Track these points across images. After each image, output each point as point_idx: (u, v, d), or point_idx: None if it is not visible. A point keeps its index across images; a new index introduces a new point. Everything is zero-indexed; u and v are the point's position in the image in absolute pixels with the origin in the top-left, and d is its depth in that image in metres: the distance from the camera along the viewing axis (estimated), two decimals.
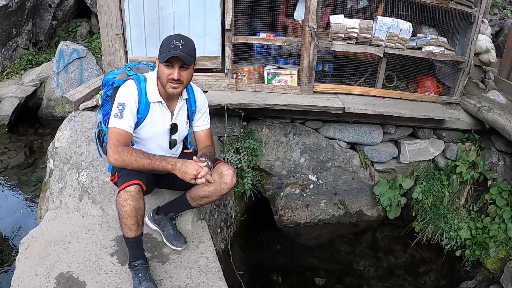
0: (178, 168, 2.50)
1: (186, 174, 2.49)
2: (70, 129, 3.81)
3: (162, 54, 2.54)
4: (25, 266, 2.76)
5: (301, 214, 4.91)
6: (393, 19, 4.26)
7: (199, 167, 2.52)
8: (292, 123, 4.61)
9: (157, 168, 2.51)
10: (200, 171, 2.51)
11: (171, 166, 2.51)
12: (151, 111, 2.70)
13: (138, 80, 2.67)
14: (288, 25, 4.55)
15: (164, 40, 2.58)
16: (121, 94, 2.61)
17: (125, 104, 2.56)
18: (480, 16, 4.45)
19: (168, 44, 2.52)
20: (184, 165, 2.51)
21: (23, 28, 8.15)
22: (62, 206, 3.43)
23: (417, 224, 4.77)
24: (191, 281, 2.75)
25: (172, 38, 2.54)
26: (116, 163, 2.50)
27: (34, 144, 6.22)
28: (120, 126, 2.54)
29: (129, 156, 2.47)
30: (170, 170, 2.51)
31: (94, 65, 7.13)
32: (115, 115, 2.55)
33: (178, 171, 2.50)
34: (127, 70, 2.82)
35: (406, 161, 4.85)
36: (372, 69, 4.62)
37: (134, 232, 2.55)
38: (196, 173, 2.49)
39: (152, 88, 2.68)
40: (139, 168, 2.50)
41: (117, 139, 2.52)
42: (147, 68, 2.91)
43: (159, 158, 2.53)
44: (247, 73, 4.41)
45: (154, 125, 2.72)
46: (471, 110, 4.65)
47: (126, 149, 2.50)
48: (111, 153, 2.49)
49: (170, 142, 2.89)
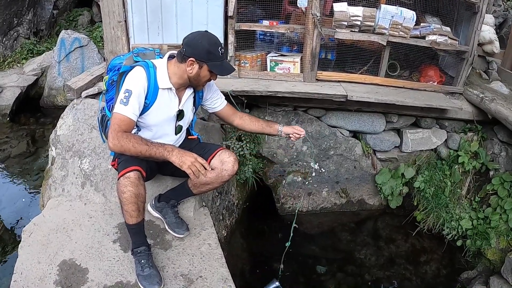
0: (174, 155, 2.48)
1: (183, 163, 2.46)
2: (72, 117, 3.80)
3: (213, 64, 2.58)
4: (28, 253, 2.76)
5: (303, 202, 4.91)
6: (396, 8, 4.25)
7: (196, 157, 2.50)
8: (294, 110, 4.61)
9: (154, 154, 2.49)
10: (199, 160, 2.49)
11: (168, 153, 2.49)
12: (159, 97, 2.68)
13: (147, 66, 2.64)
14: (291, 12, 4.52)
15: (206, 44, 2.55)
16: (129, 80, 2.59)
17: (131, 91, 2.54)
18: (484, 6, 4.42)
19: (216, 52, 2.56)
20: (181, 153, 2.49)
21: (24, 17, 8.11)
22: (64, 194, 3.43)
23: (419, 214, 4.77)
24: (193, 268, 2.76)
25: (216, 45, 2.58)
26: (115, 148, 2.49)
27: (36, 133, 6.22)
28: (124, 113, 2.52)
29: (127, 141, 2.46)
30: (166, 158, 2.50)
31: (96, 54, 7.10)
32: (121, 101, 2.53)
33: (175, 159, 2.48)
34: (134, 56, 2.79)
35: (408, 150, 4.85)
36: (375, 58, 4.61)
37: (135, 218, 2.55)
38: (193, 160, 2.46)
39: (163, 75, 2.66)
40: (136, 154, 2.49)
41: (119, 125, 2.50)
42: (153, 54, 2.88)
43: (157, 145, 2.52)
44: (250, 61, 4.40)
45: (161, 111, 2.71)
46: (474, 100, 4.64)
47: (125, 135, 2.49)
48: (111, 138, 2.48)
49: (176, 128, 2.88)
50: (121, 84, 2.82)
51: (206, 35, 2.57)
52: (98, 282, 2.56)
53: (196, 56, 2.54)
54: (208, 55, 2.54)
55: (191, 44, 2.55)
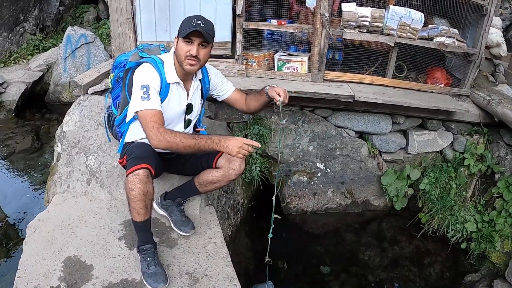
0: (222, 145, 2.49)
1: (231, 151, 2.48)
2: (78, 113, 3.80)
3: (182, 31, 2.53)
4: (33, 249, 2.75)
5: (308, 202, 4.91)
6: (405, 9, 4.23)
7: (242, 139, 2.50)
8: (301, 110, 4.60)
9: (202, 147, 2.51)
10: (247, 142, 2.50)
11: (215, 145, 2.51)
12: (170, 92, 2.69)
13: (155, 62, 2.65)
14: (298, 12, 4.52)
15: (184, 19, 2.57)
16: (142, 76, 2.58)
17: (149, 86, 2.54)
18: (492, 9, 4.40)
19: (189, 22, 2.51)
20: (226, 142, 2.49)
21: (30, 13, 8.12)
22: (69, 190, 3.42)
23: (424, 216, 4.76)
24: (199, 266, 2.75)
25: (193, 17, 2.54)
26: (160, 145, 2.49)
27: (41, 129, 6.22)
28: (151, 107, 2.52)
29: (173, 137, 2.48)
30: (215, 148, 2.51)
31: (102, 51, 7.10)
32: (142, 98, 2.52)
33: (222, 147, 2.50)
34: (140, 52, 2.79)
35: (414, 152, 4.84)
36: (382, 59, 4.59)
37: (143, 216, 2.55)
38: (240, 145, 2.47)
39: (170, 69, 2.67)
40: (184, 149, 2.50)
41: (154, 120, 2.51)
42: (158, 50, 2.88)
43: (204, 138, 2.53)
44: (257, 60, 4.40)
45: (172, 106, 2.71)
46: (481, 103, 4.62)
47: (168, 130, 2.51)
48: (153, 135, 2.48)
49: (185, 122, 2.88)
50: (127, 81, 2.82)
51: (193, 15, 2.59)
52: (103, 279, 2.55)
53: (178, 33, 2.59)
54: (180, 27, 2.56)
55: None
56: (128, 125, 2.83)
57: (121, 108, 2.93)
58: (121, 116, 2.91)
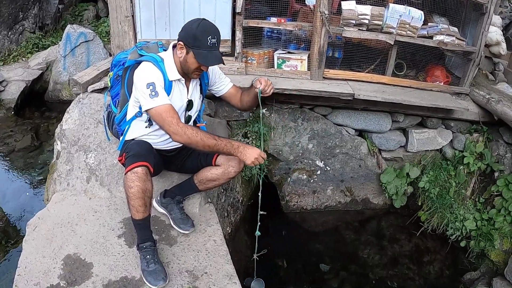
0: (240, 151, 2.56)
1: (247, 157, 2.55)
2: (78, 111, 3.80)
3: (199, 52, 2.51)
4: (32, 247, 2.76)
5: (308, 200, 4.92)
6: (405, 7, 4.23)
7: (259, 150, 2.56)
8: (301, 108, 4.60)
9: (221, 150, 2.56)
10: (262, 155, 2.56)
11: (234, 151, 2.56)
12: (173, 89, 2.69)
13: (156, 61, 2.63)
14: (298, 10, 4.51)
15: (197, 33, 2.50)
16: (145, 75, 2.57)
17: (154, 83, 2.53)
18: (492, 7, 4.40)
19: (204, 40, 2.49)
20: (246, 149, 2.56)
21: (30, 11, 8.11)
22: (69, 188, 3.42)
23: (423, 214, 4.77)
24: (198, 264, 2.76)
25: (207, 33, 2.49)
26: (181, 140, 2.52)
27: (41, 127, 6.23)
28: (162, 102, 2.53)
29: (195, 134, 2.50)
30: (233, 153, 2.57)
31: (101, 49, 7.11)
32: (150, 95, 2.51)
33: (240, 154, 2.56)
34: (138, 50, 2.77)
35: (413, 150, 4.84)
36: (382, 57, 4.59)
37: (142, 213, 2.55)
38: (257, 156, 2.54)
39: (171, 67, 2.66)
40: (203, 147, 2.53)
41: (171, 115, 2.52)
42: (157, 47, 2.85)
43: (224, 141, 2.56)
44: (257, 58, 4.39)
45: (174, 102, 2.69)
46: (480, 101, 4.62)
47: (189, 127, 2.53)
48: (174, 130, 2.50)
49: (185, 118, 2.88)
50: (126, 79, 2.82)
51: (201, 21, 2.52)
52: (103, 277, 2.56)
53: (184, 40, 2.54)
54: (194, 40, 2.50)
55: (184, 27, 2.56)
56: (129, 123, 2.83)
57: (121, 106, 2.93)
58: (121, 114, 2.91)
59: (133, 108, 2.76)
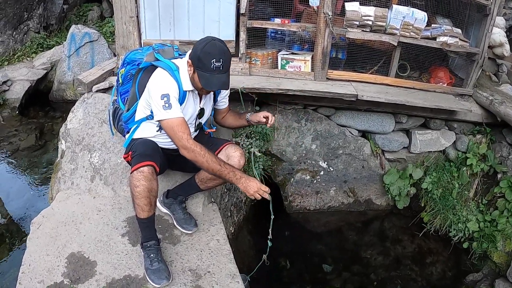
0: (242, 182, 2.56)
1: (247, 190, 2.56)
2: (82, 111, 3.81)
3: (202, 74, 2.52)
4: (36, 245, 2.78)
5: (311, 201, 4.93)
6: (408, 8, 4.24)
7: (260, 185, 2.57)
8: (304, 109, 4.61)
9: (223, 176, 2.57)
10: (262, 189, 2.57)
11: (236, 180, 2.58)
12: (187, 99, 2.69)
13: (171, 70, 2.63)
14: (302, 11, 4.52)
15: (200, 50, 2.49)
16: (161, 85, 2.57)
17: (169, 95, 2.53)
18: (495, 9, 4.40)
19: (207, 63, 2.48)
20: (247, 181, 2.56)
21: (35, 11, 8.13)
22: (73, 187, 3.44)
23: (426, 215, 4.76)
24: (201, 263, 2.77)
25: (211, 56, 2.48)
26: (188, 156, 2.54)
27: (45, 126, 6.25)
28: (175, 115, 2.53)
29: (202, 154, 2.52)
30: (234, 182, 2.59)
31: (106, 49, 7.13)
32: (164, 107, 2.52)
33: (241, 185, 2.57)
34: (155, 53, 2.77)
35: (416, 151, 4.85)
36: (385, 58, 4.60)
37: (147, 212, 2.57)
38: (257, 189, 2.55)
39: (185, 77, 2.65)
40: (207, 169, 2.57)
41: (182, 131, 2.53)
42: (172, 51, 2.84)
43: (228, 168, 2.57)
44: (261, 58, 4.41)
45: (186, 111, 2.71)
46: (484, 103, 4.62)
47: (199, 146, 2.54)
48: (183, 147, 2.53)
49: (196, 125, 2.91)
50: (138, 79, 2.82)
51: (209, 42, 2.50)
52: (106, 275, 2.57)
53: (191, 59, 2.55)
54: (198, 62, 2.50)
55: (194, 45, 2.56)
56: (139, 123, 2.84)
57: (129, 104, 2.93)
58: (129, 112, 2.91)
59: (144, 110, 2.76)
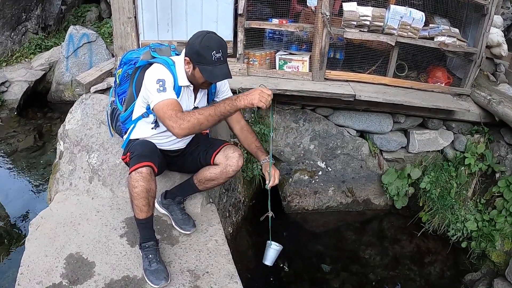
0: (242, 98, 2.43)
1: (252, 101, 2.42)
2: (81, 112, 3.82)
3: (204, 68, 2.48)
4: (35, 246, 2.78)
5: (309, 201, 4.93)
6: (406, 8, 4.24)
7: (259, 91, 2.44)
8: (302, 109, 4.61)
9: (224, 111, 2.45)
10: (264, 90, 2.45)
11: (235, 101, 2.45)
12: (181, 95, 2.67)
13: (167, 63, 2.62)
14: (300, 11, 4.53)
15: (198, 44, 2.46)
16: (156, 73, 2.55)
17: (164, 80, 2.51)
18: (493, 8, 4.40)
19: (208, 56, 2.45)
20: (247, 95, 2.43)
21: (33, 12, 8.13)
22: (72, 188, 3.45)
23: (424, 215, 4.76)
24: (200, 264, 2.77)
25: (210, 48, 2.45)
26: (184, 131, 2.41)
27: (43, 127, 6.25)
28: (168, 97, 2.48)
29: (191, 116, 2.41)
30: (237, 105, 2.45)
31: (104, 50, 7.14)
32: (158, 90, 2.48)
33: (243, 101, 2.43)
34: (152, 52, 2.76)
35: (415, 151, 4.85)
36: (383, 58, 4.60)
37: (145, 213, 2.57)
38: (259, 95, 2.41)
39: (181, 73, 2.63)
40: (208, 121, 2.43)
41: (172, 109, 2.44)
42: (169, 51, 2.83)
43: (222, 103, 2.47)
44: (259, 59, 4.41)
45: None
46: (481, 102, 4.63)
47: (184, 113, 2.44)
48: (173, 123, 2.41)
49: None
50: (135, 78, 2.82)
51: (204, 36, 2.47)
52: (105, 276, 2.58)
53: (189, 56, 2.53)
54: (198, 57, 2.48)
55: (189, 42, 2.53)
56: (135, 122, 2.84)
57: (127, 104, 2.93)
58: (127, 112, 2.91)
59: (140, 108, 2.76)
